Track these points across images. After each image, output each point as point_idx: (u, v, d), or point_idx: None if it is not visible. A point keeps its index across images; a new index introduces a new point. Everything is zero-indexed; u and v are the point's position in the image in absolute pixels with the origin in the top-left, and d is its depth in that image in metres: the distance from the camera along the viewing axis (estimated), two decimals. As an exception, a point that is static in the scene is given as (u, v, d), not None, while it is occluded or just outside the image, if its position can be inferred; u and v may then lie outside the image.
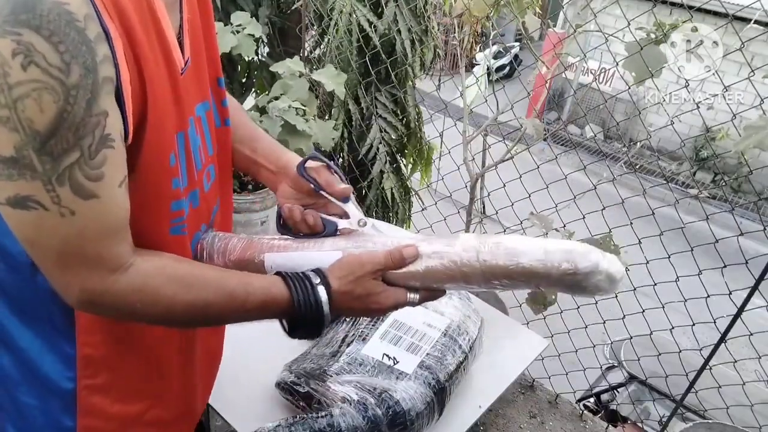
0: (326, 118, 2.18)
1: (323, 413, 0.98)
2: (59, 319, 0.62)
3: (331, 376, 1.06)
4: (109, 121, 0.50)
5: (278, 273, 0.66)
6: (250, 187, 1.73)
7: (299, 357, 1.19)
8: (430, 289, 0.69)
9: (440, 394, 1.07)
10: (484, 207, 2.35)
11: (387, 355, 1.11)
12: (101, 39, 0.48)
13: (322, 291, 0.64)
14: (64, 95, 0.46)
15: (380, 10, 1.96)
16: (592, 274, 0.64)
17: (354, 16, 1.93)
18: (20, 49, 0.44)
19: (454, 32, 2.19)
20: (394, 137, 2.14)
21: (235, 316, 0.65)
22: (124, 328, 0.65)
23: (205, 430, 1.01)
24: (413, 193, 2.38)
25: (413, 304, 0.69)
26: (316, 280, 0.64)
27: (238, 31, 1.70)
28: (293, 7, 2.15)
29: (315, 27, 2.18)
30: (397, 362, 1.10)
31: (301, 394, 1.07)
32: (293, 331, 0.67)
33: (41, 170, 0.47)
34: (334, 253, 0.69)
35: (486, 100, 2.00)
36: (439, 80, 2.24)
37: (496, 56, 7.46)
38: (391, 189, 2.18)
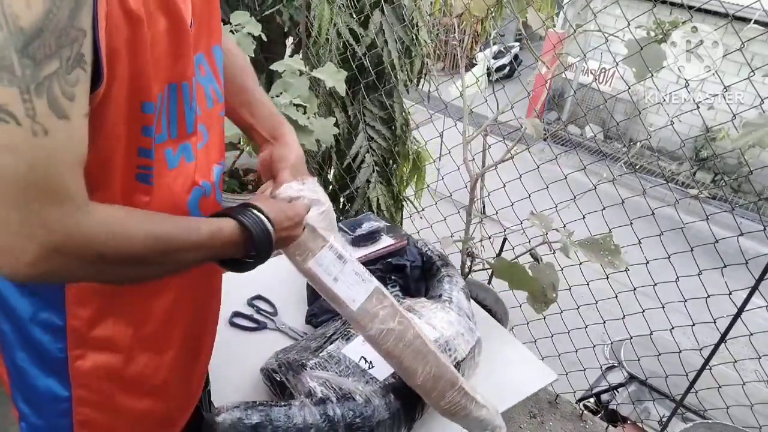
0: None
1: (282, 403, 0.96)
2: (48, 288, 0.61)
3: (306, 370, 1.05)
4: (86, 42, 0.48)
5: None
6: (250, 187, 1.73)
7: (289, 346, 1.18)
8: None
9: (408, 407, 1.03)
10: (484, 207, 2.35)
11: (365, 358, 1.09)
12: None
13: (260, 214, 0.69)
14: None
15: (365, 19, 1.95)
16: None
17: (336, 26, 1.92)
18: None
19: (454, 32, 2.18)
20: (383, 145, 2.13)
21: (193, 246, 0.62)
22: (113, 298, 0.64)
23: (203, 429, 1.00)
24: (405, 200, 2.37)
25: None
26: (252, 208, 0.70)
27: (236, 31, 1.70)
28: (270, 13, 2.10)
29: (293, 37, 2.16)
30: (372, 367, 1.08)
31: (277, 382, 1.07)
32: (248, 259, 0.70)
33: (20, 74, 0.44)
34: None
35: (486, 100, 2.00)
36: (437, 85, 2.23)
37: (496, 56, 7.46)
38: (377, 198, 2.16)
